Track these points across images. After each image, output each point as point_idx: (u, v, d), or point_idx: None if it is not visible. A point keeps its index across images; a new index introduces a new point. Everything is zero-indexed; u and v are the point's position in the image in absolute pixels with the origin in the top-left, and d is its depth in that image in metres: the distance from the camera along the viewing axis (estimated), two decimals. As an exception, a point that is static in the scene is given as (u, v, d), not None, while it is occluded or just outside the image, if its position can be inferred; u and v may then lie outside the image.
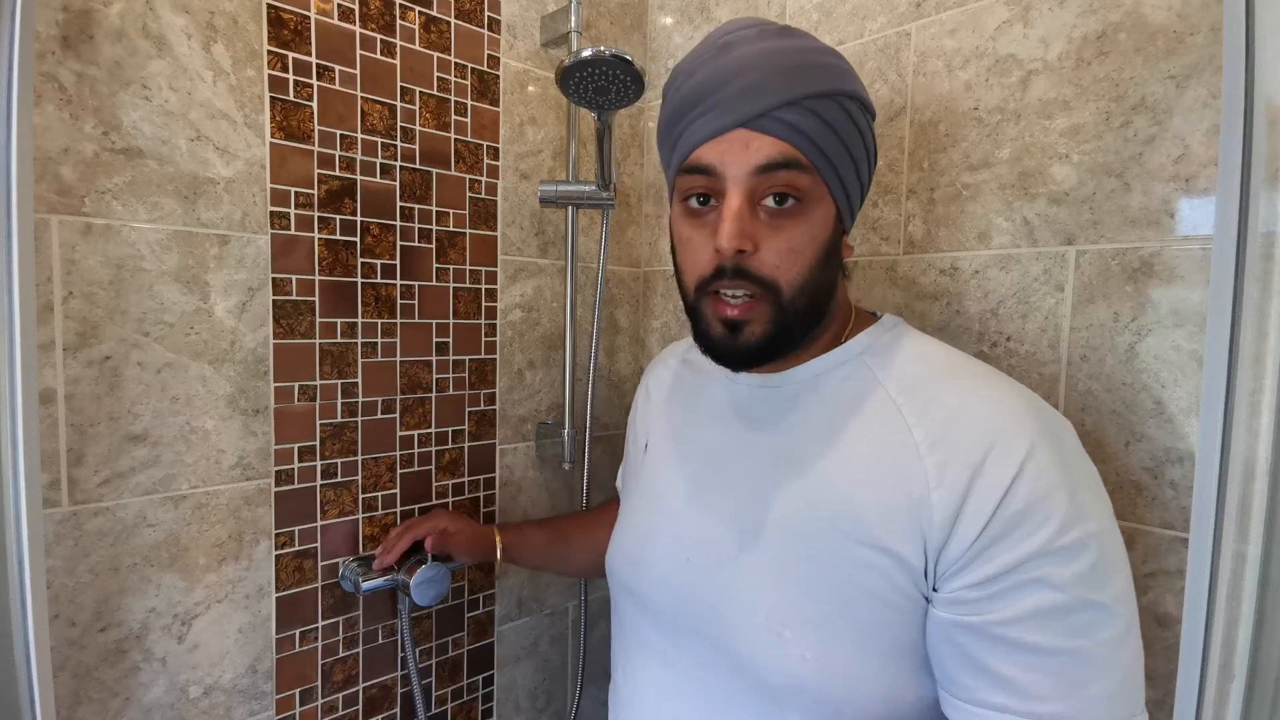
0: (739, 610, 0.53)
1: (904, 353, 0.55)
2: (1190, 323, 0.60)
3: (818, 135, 0.49)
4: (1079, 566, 0.43)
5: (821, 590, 0.50)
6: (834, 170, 0.50)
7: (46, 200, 0.62)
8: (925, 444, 0.48)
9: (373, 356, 0.84)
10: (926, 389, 0.51)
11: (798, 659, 0.49)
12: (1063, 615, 0.43)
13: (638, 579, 0.61)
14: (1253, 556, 0.31)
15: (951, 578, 0.46)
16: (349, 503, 0.83)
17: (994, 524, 0.45)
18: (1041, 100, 0.67)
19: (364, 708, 0.86)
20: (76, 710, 0.66)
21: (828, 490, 0.51)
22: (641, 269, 1.14)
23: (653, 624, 0.60)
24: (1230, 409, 0.30)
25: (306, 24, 0.76)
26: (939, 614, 0.47)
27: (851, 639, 0.49)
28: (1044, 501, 0.44)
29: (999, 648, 0.45)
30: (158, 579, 0.70)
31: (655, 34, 1.10)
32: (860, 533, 0.49)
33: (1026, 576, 0.44)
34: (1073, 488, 0.45)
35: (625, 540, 0.65)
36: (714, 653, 0.54)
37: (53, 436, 0.64)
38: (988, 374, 0.53)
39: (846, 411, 0.54)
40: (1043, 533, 0.44)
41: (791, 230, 0.50)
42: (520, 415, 1.00)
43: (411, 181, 0.86)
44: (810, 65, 0.49)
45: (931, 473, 0.47)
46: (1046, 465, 0.45)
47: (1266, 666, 0.32)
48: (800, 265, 0.50)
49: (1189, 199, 0.60)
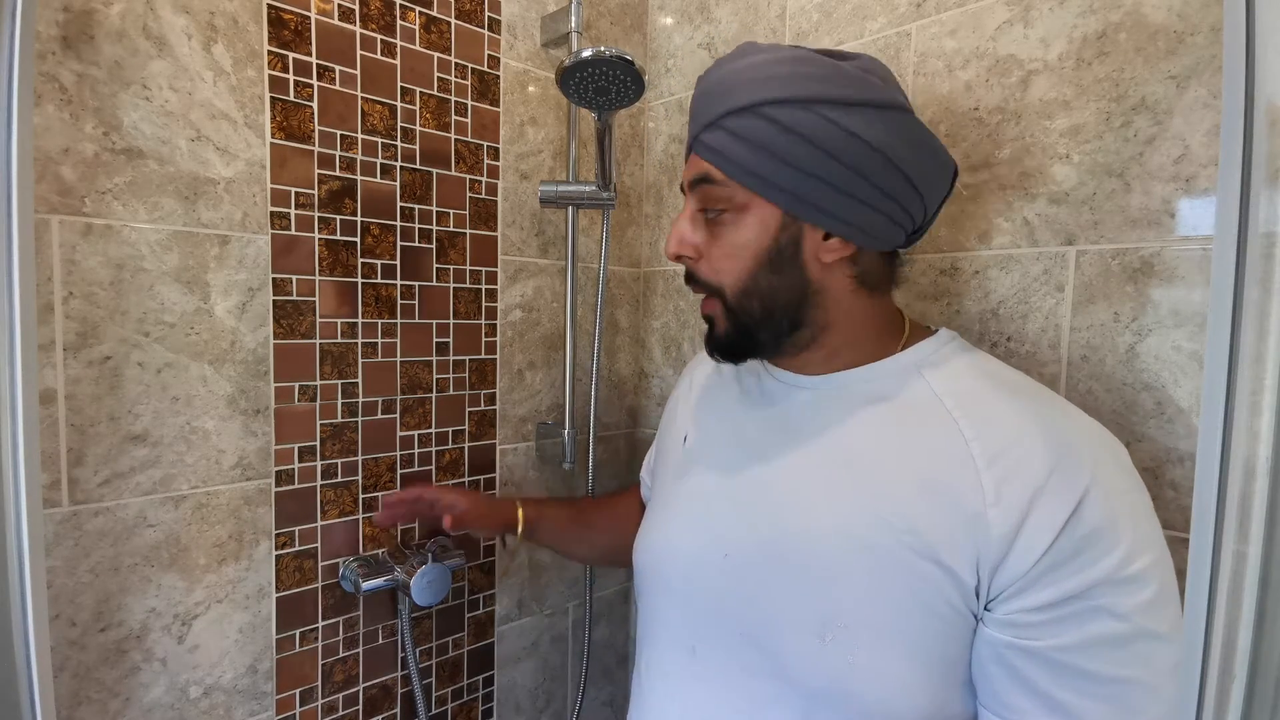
0: (783, 610, 0.53)
1: (961, 367, 0.55)
2: (1190, 323, 0.60)
3: (729, 149, 0.52)
4: (1143, 597, 0.44)
5: (870, 598, 0.49)
6: (759, 178, 0.52)
7: (47, 200, 0.62)
8: (983, 458, 0.48)
9: (373, 356, 0.84)
10: (985, 403, 0.51)
11: (843, 663, 0.49)
12: (1124, 644, 0.43)
13: (672, 571, 0.61)
14: (1253, 556, 0.31)
15: (1009, 599, 0.46)
16: (349, 503, 0.83)
17: (1058, 547, 0.44)
18: (1042, 100, 0.67)
19: (364, 708, 0.86)
20: (77, 710, 0.66)
21: (882, 498, 0.51)
22: (642, 269, 1.14)
23: (682, 616, 0.60)
24: (1230, 409, 0.30)
25: (307, 24, 0.76)
26: (993, 634, 0.47)
27: (898, 648, 0.48)
28: (1110, 529, 0.44)
29: (1056, 673, 0.44)
30: (158, 579, 0.70)
31: (655, 34, 1.10)
32: (914, 542, 0.48)
33: (1091, 604, 0.44)
34: (1136, 516, 0.45)
35: (659, 531, 0.65)
36: (750, 650, 0.54)
37: (53, 436, 0.64)
38: (1049, 394, 0.52)
39: (901, 420, 0.53)
40: (1108, 560, 0.44)
41: (725, 237, 0.55)
42: (520, 415, 1.00)
43: (412, 182, 0.86)
44: (731, 86, 0.52)
45: (989, 488, 0.47)
46: (1111, 492, 0.45)
47: (1267, 666, 0.32)
48: (738, 269, 0.54)
49: (1189, 199, 0.60)
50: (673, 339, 1.10)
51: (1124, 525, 0.44)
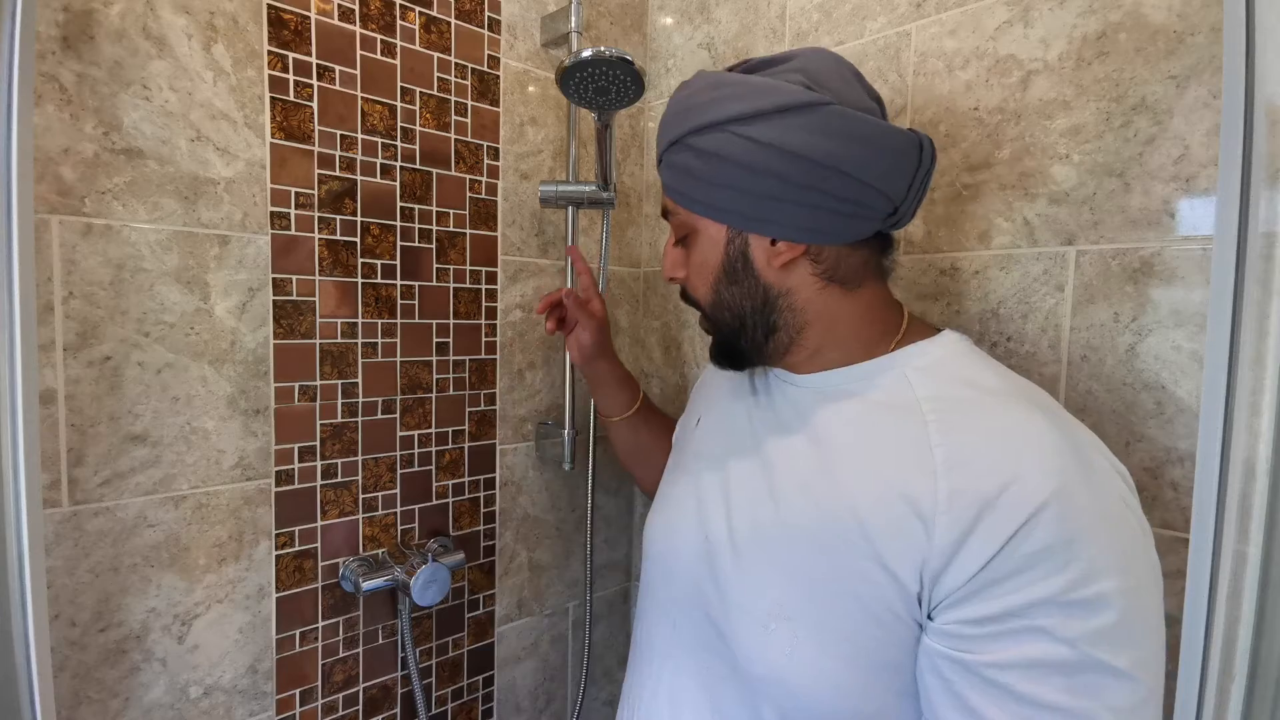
0: (737, 597, 0.55)
1: (951, 370, 0.53)
2: (1190, 323, 0.60)
3: (673, 181, 0.58)
4: (1094, 624, 0.41)
5: (818, 594, 0.50)
6: (695, 201, 0.57)
7: (47, 200, 0.62)
8: (943, 466, 0.47)
9: (373, 356, 0.84)
10: (961, 409, 0.49)
11: (780, 654, 0.50)
12: (1067, 672, 0.41)
13: (666, 547, 0.65)
14: (1253, 556, 0.31)
15: (947, 609, 0.45)
16: (349, 503, 0.83)
17: (999, 562, 0.43)
18: (1042, 100, 0.67)
19: (364, 708, 0.86)
20: (76, 710, 0.66)
21: (843, 497, 0.51)
22: (641, 269, 1.14)
23: (667, 593, 0.63)
24: (1230, 409, 0.30)
25: (307, 24, 0.76)
26: (931, 644, 0.46)
27: (839, 647, 0.49)
28: (1063, 549, 0.42)
29: (987, 690, 0.43)
30: (158, 579, 0.70)
31: (655, 34, 1.10)
32: (864, 545, 0.48)
33: (1028, 623, 0.42)
34: (1102, 541, 0.42)
35: (662, 512, 0.68)
36: (712, 632, 0.57)
37: (53, 436, 0.64)
38: (1044, 405, 0.49)
39: (875, 422, 0.53)
40: (1055, 581, 0.41)
41: (693, 258, 0.60)
42: (520, 415, 1.00)
43: (412, 182, 0.86)
44: (667, 122, 0.57)
45: (942, 496, 0.46)
46: (1073, 511, 0.42)
47: (1266, 666, 0.32)
48: (705, 286, 0.60)
49: (1189, 199, 0.60)
50: (673, 339, 1.10)
51: (1084, 546, 0.42)
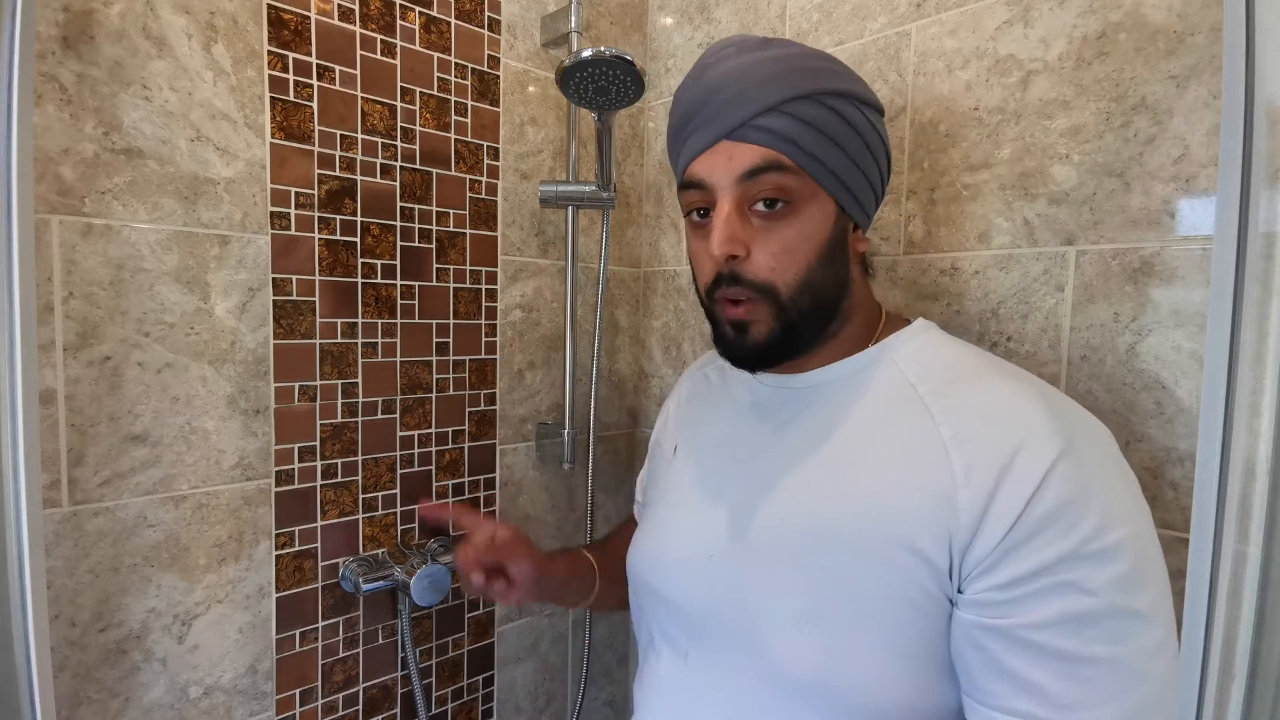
0: (765, 605, 0.53)
1: (934, 353, 0.55)
2: (1190, 323, 0.60)
3: (799, 137, 0.50)
4: (1114, 571, 0.42)
5: (849, 588, 0.49)
6: (825, 168, 0.51)
7: (47, 200, 0.62)
8: (953, 441, 0.48)
9: (373, 357, 0.84)
10: (956, 387, 0.51)
11: (823, 653, 0.49)
12: (1096, 621, 0.42)
13: (661, 577, 0.61)
14: (1253, 556, 0.31)
15: (977, 579, 0.45)
16: (349, 503, 0.83)
17: (1022, 524, 0.44)
18: (1042, 100, 0.67)
19: (364, 708, 0.86)
20: (77, 710, 0.66)
21: (856, 488, 0.51)
22: (642, 269, 1.14)
23: (675, 621, 0.60)
24: (1230, 409, 0.30)
25: (307, 24, 0.76)
26: (964, 616, 0.46)
27: (876, 638, 0.48)
28: (1076, 503, 0.43)
29: (1026, 652, 0.44)
30: (158, 579, 0.70)
31: (655, 34, 1.10)
32: (888, 531, 0.48)
33: (1057, 579, 0.43)
34: (1108, 491, 0.44)
35: (647, 539, 0.65)
36: (739, 650, 0.54)
37: (53, 437, 0.64)
38: (1022, 376, 0.52)
39: (873, 409, 0.53)
40: (1074, 535, 0.43)
41: (784, 231, 0.51)
42: (520, 415, 1.00)
43: (412, 182, 0.86)
44: (787, 72, 0.51)
45: (959, 471, 0.47)
46: (1080, 467, 0.44)
47: (1267, 666, 0.32)
48: (797, 265, 0.52)
49: (1189, 199, 0.60)
50: (673, 339, 1.10)
51: (1093, 500, 0.43)
